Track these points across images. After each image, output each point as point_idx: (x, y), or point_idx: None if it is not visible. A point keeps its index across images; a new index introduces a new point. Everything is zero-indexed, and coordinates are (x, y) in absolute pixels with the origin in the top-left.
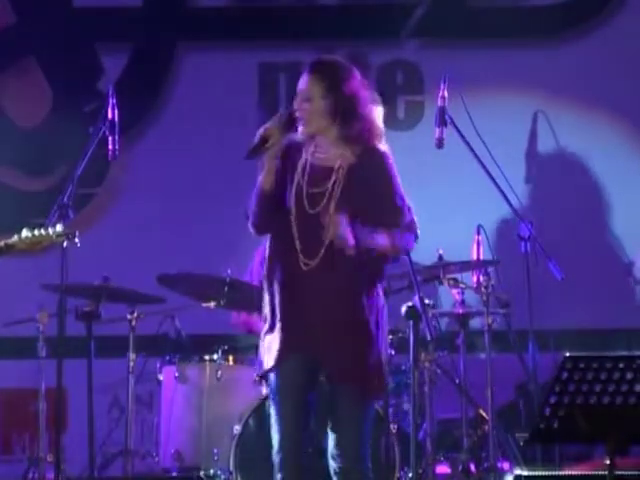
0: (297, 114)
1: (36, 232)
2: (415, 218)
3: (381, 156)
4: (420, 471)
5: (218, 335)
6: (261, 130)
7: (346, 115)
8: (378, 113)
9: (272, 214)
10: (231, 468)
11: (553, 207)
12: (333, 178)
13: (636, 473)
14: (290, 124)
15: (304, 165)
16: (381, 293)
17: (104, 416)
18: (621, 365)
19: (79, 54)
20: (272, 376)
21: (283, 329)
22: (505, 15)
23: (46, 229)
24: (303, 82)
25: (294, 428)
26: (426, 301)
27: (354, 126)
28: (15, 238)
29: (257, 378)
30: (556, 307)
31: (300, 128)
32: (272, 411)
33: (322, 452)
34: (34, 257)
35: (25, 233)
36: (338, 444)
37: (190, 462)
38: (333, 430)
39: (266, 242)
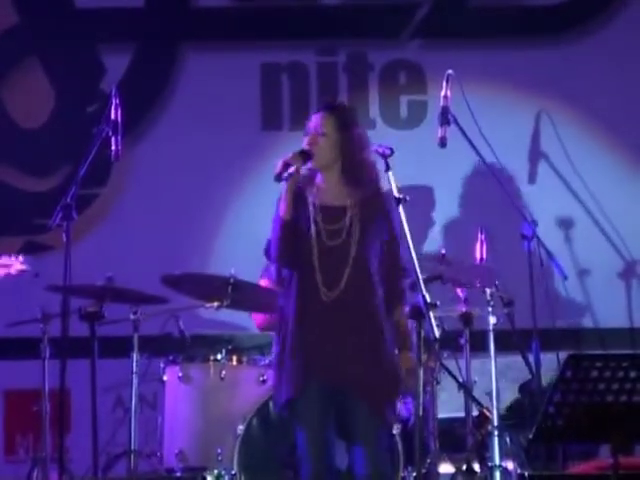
0: (308, 148)
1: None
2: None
3: (384, 201)
4: (424, 470)
5: (222, 335)
6: (283, 159)
7: (351, 155)
8: (374, 159)
9: (292, 244)
10: (235, 468)
11: (556, 206)
12: (349, 214)
13: None
14: (305, 158)
15: (314, 205)
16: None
17: (108, 416)
18: (625, 364)
19: (81, 54)
20: (296, 405)
21: (303, 357)
22: (507, 15)
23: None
24: (316, 119)
25: (322, 452)
26: (429, 301)
27: (357, 168)
28: None
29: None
30: (559, 306)
31: (311, 162)
32: (298, 438)
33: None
34: (38, 257)
35: None
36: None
37: (194, 462)
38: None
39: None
